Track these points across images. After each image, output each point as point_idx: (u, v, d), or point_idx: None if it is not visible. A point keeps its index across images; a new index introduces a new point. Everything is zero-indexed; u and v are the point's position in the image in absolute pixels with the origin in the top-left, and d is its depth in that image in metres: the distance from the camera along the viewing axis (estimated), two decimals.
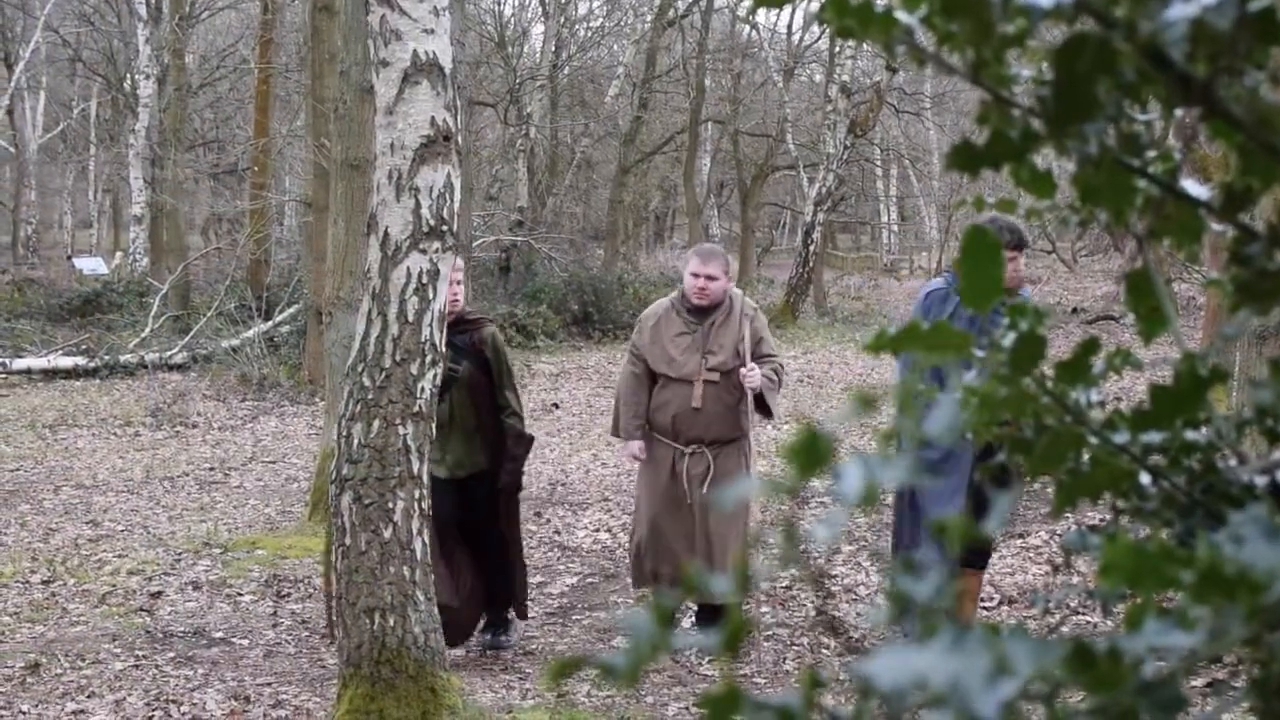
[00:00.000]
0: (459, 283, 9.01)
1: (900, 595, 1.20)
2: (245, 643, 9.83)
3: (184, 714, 8.34)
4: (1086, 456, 1.48)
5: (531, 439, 9.68)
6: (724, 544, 9.38)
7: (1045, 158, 1.45)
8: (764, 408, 9.49)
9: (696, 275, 9.46)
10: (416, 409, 7.39)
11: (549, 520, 13.65)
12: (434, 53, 7.30)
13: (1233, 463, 1.54)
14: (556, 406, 21.44)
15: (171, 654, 9.53)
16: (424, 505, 7.55)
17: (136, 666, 9.27)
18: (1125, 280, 1.51)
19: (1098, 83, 1.30)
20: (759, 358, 9.41)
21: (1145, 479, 1.50)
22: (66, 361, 24.70)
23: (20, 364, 24.41)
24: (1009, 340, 1.39)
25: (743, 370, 9.26)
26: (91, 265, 39.04)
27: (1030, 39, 1.34)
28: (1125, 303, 1.55)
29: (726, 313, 9.52)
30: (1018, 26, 1.32)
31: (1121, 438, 1.47)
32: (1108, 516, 1.59)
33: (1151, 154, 1.45)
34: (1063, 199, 1.56)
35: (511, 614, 9.86)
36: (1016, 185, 1.49)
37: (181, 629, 10.05)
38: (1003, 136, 1.37)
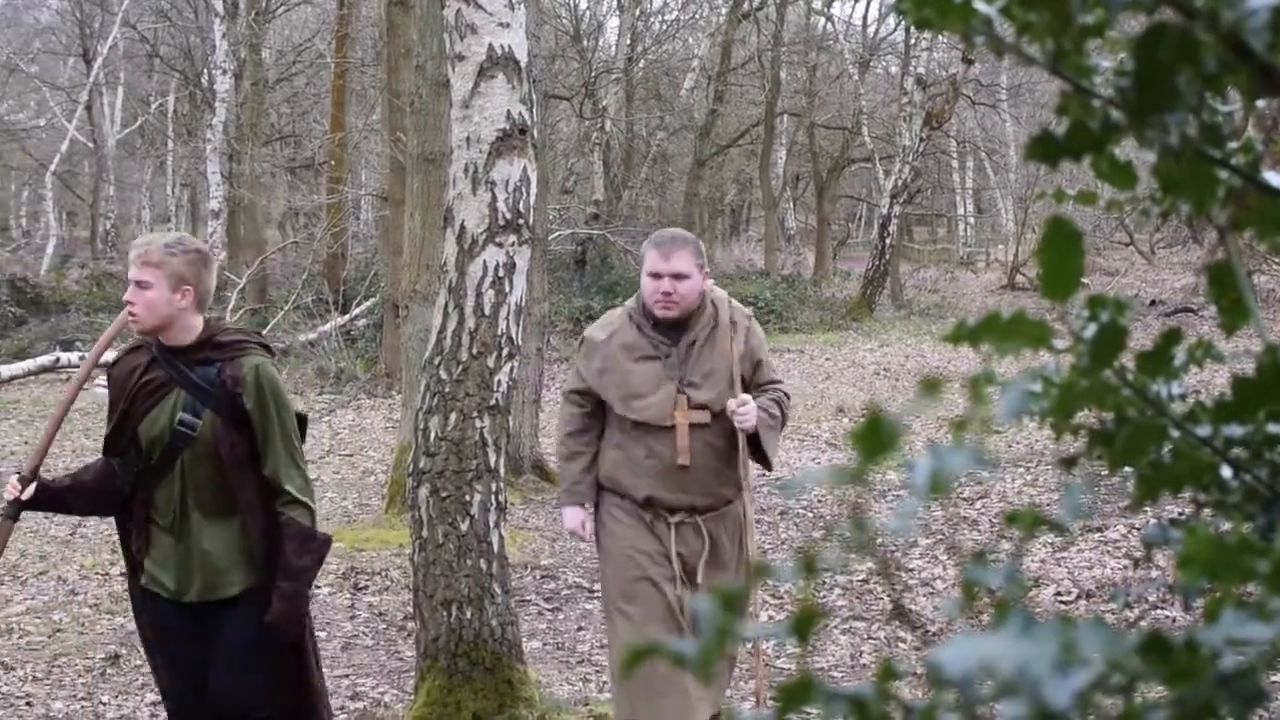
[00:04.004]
0: (183, 282, 5.77)
1: (973, 585, 1.20)
2: (323, 635, 9.87)
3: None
4: (1168, 449, 1.47)
5: (326, 540, 6.02)
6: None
7: (1125, 149, 1.44)
8: (760, 454, 6.88)
9: (657, 275, 6.70)
10: (493, 402, 7.41)
11: None
12: (509, 46, 7.31)
13: None
14: None
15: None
16: (501, 498, 7.56)
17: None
18: (1207, 272, 1.50)
19: (1179, 73, 1.29)
20: (759, 387, 6.93)
21: (1227, 472, 1.49)
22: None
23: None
24: (1090, 332, 1.38)
25: (732, 404, 6.66)
26: None
27: (1110, 29, 1.33)
28: (1206, 294, 1.54)
29: (710, 325, 6.84)
30: (1097, 17, 1.32)
31: (1203, 430, 1.46)
32: (1187, 510, 1.59)
33: (1233, 145, 1.44)
34: (1143, 191, 1.55)
35: None
36: (1096, 177, 1.48)
37: None
38: (1083, 127, 1.36)
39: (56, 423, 6.01)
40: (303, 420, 6.05)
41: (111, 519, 6.20)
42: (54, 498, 6.02)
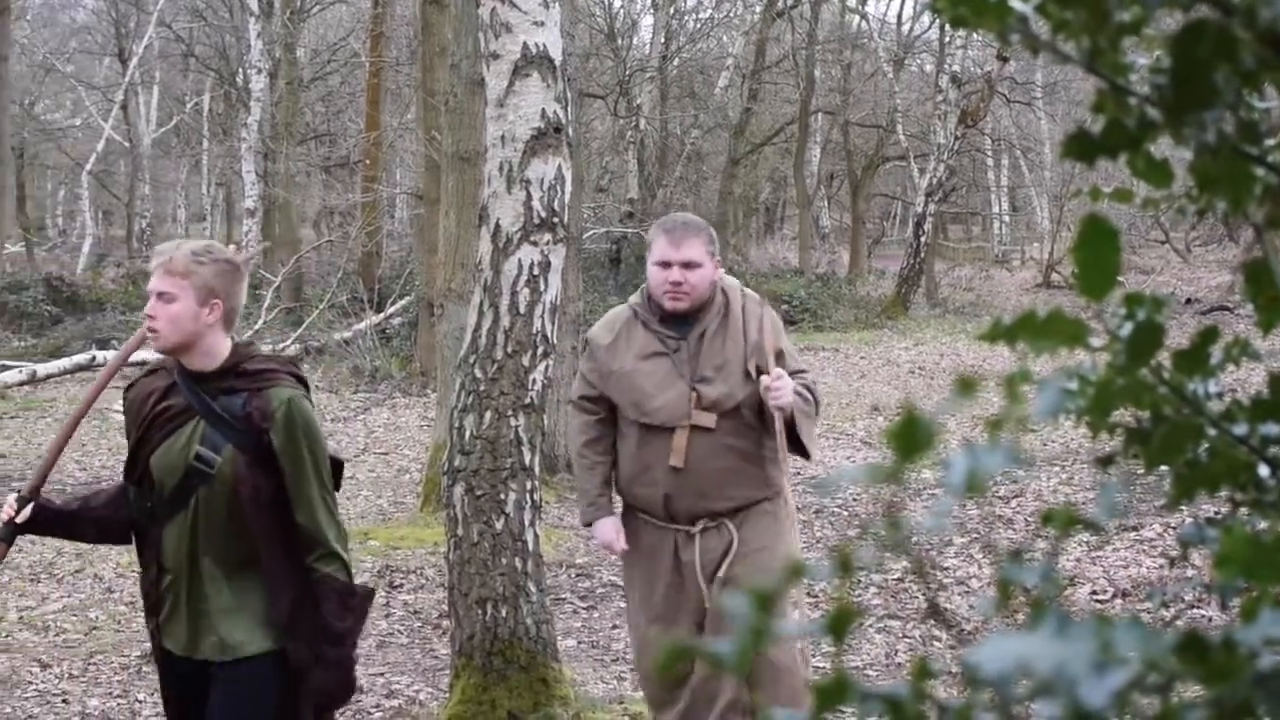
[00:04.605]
0: (211, 295, 5.16)
1: (1010, 583, 1.20)
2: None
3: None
4: (1204, 448, 1.46)
5: (368, 594, 5.46)
6: (774, 674, 6.23)
7: (1161, 146, 1.44)
8: (797, 444, 6.29)
9: (666, 264, 6.28)
10: (528, 401, 7.42)
11: None
12: (544, 45, 7.31)
13: None
14: None
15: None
16: (536, 497, 7.57)
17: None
18: (1243, 270, 1.50)
19: (1216, 70, 1.29)
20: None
21: (1264, 471, 1.49)
22: None
23: (135, 355, 24.65)
24: (1126, 330, 1.38)
25: (766, 380, 6.08)
26: None
27: (1147, 27, 1.33)
28: (1243, 292, 1.53)
29: (721, 314, 6.36)
30: (1134, 14, 1.31)
31: (1240, 429, 1.45)
32: (1224, 509, 1.58)
33: (1270, 142, 1.43)
34: (1179, 188, 1.55)
35: None
36: (1133, 174, 1.47)
37: None
38: (1119, 125, 1.36)
39: (62, 440, 5.48)
40: (338, 466, 5.42)
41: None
42: (55, 521, 5.41)
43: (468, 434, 7.42)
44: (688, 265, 6.23)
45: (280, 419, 5.07)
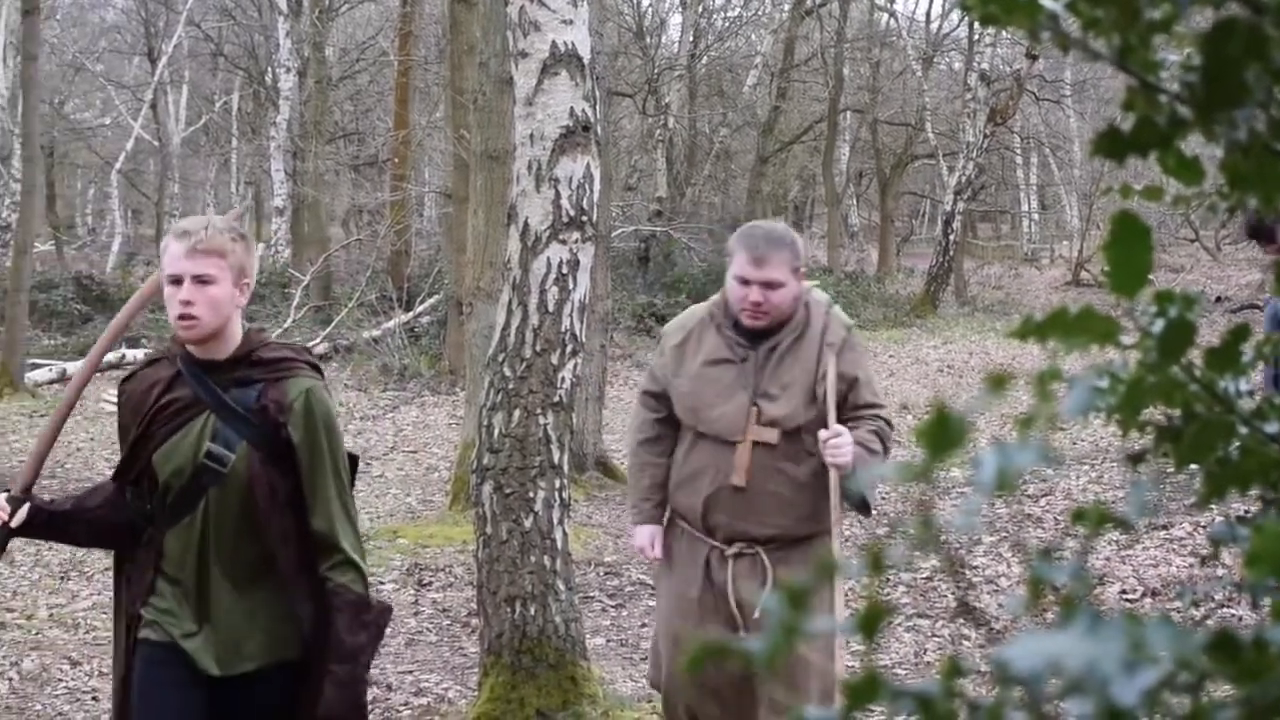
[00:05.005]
0: (243, 275, 4.75)
1: (1039, 583, 1.20)
2: (387, 631, 9.90)
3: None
4: (1235, 446, 1.46)
5: (384, 610, 5.08)
6: (805, 671, 5.78)
7: (1191, 144, 1.44)
8: (855, 497, 5.84)
9: (746, 281, 5.79)
10: (557, 399, 7.42)
11: None
12: (572, 43, 7.32)
13: None
14: None
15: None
16: (565, 495, 7.58)
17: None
18: (1274, 268, 1.50)
19: (1247, 68, 1.29)
20: (854, 411, 5.86)
21: None
22: None
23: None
24: (1157, 328, 1.38)
25: (824, 435, 5.68)
26: None
27: (1177, 24, 1.33)
28: (1273, 290, 1.53)
29: (798, 332, 5.91)
30: (1165, 12, 1.31)
31: (1271, 427, 1.45)
32: (1255, 507, 1.58)
33: None
34: (1209, 186, 1.54)
35: None
36: (1163, 172, 1.47)
37: None
38: (1149, 123, 1.36)
39: (52, 434, 5.02)
40: (353, 461, 4.95)
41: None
42: (50, 523, 4.92)
43: (496, 432, 7.43)
44: (769, 285, 5.77)
45: (299, 411, 4.66)
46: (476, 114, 12.96)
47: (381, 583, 11.10)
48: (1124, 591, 9.89)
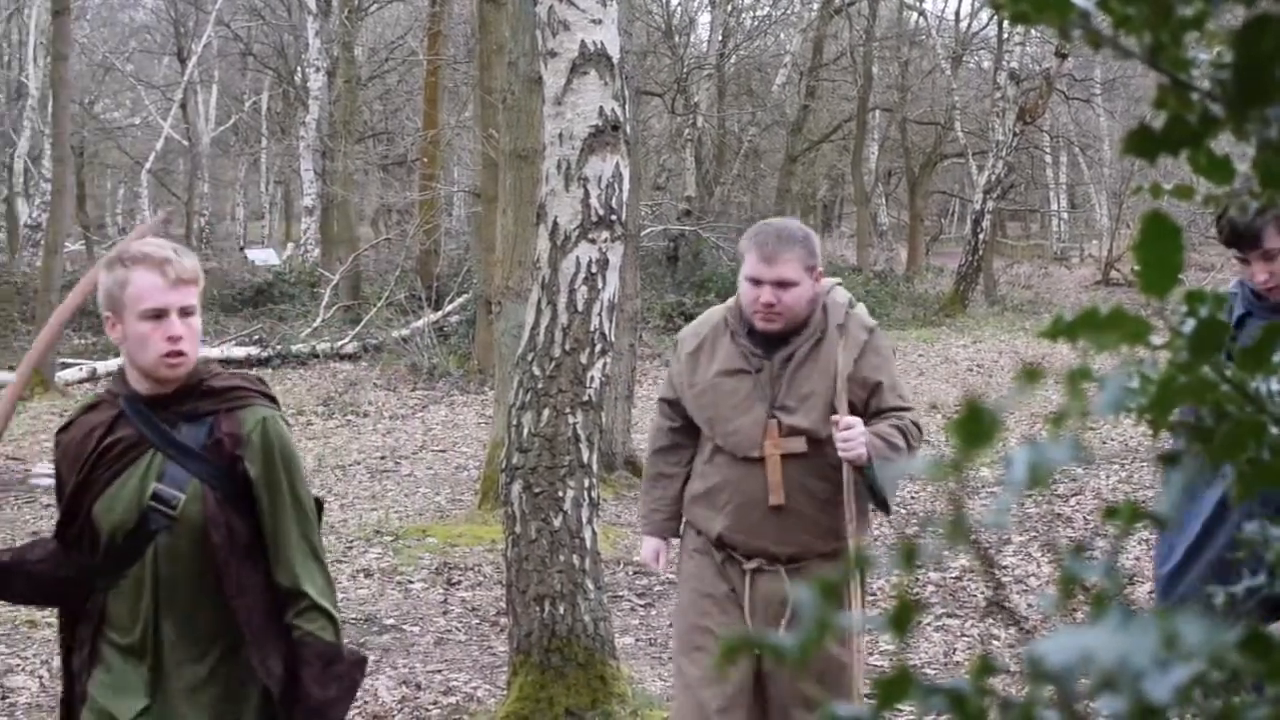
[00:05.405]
0: (187, 312, 4.22)
1: (1071, 580, 1.20)
2: (416, 630, 9.92)
3: (355, 700, 8.44)
4: (1267, 446, 1.46)
5: (358, 662, 4.54)
6: (826, 667, 5.55)
7: (1222, 143, 1.44)
8: (876, 494, 5.61)
9: (758, 281, 5.50)
10: (586, 398, 7.43)
11: None
12: (602, 43, 7.33)
13: None
14: None
15: (344, 640, 9.63)
16: (594, 494, 7.58)
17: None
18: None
19: (1279, 65, 1.29)
20: (878, 413, 5.56)
21: None
22: (239, 351, 25.11)
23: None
24: (1188, 327, 1.37)
25: (836, 429, 5.40)
26: (263, 256, 39.75)
27: (1209, 21, 1.32)
28: None
29: (816, 338, 5.60)
30: (1196, 9, 1.31)
31: None
32: None
33: None
34: (1240, 185, 1.54)
35: None
36: (1194, 171, 1.47)
37: (353, 616, 10.17)
38: (1181, 121, 1.36)
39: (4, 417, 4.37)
40: (318, 505, 4.42)
41: None
42: None
43: (526, 431, 7.44)
44: (781, 284, 5.46)
45: (257, 443, 4.19)
46: (505, 113, 12.96)
47: (411, 582, 11.12)
48: (1153, 591, 9.87)
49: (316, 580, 4.27)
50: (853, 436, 5.33)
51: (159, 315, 4.11)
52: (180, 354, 4.14)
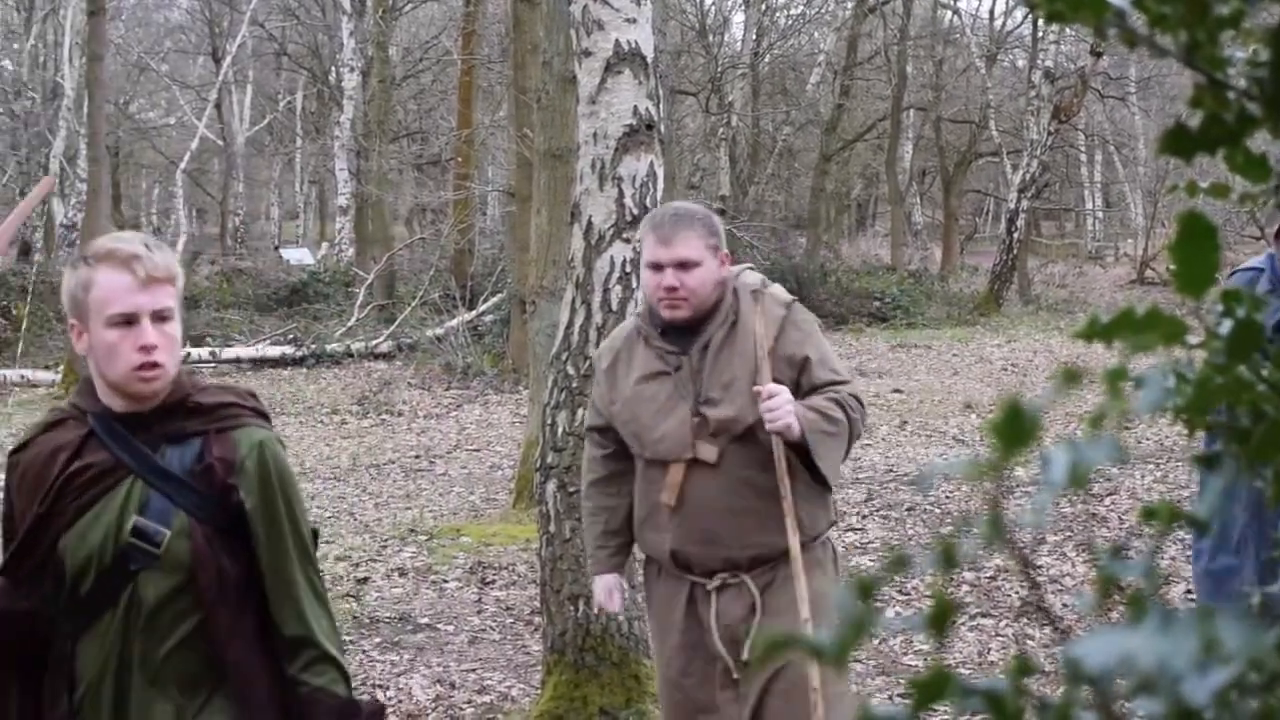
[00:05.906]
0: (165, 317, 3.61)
1: (1109, 581, 1.19)
2: (450, 629, 9.93)
3: (390, 699, 8.45)
4: None
5: (379, 711, 3.92)
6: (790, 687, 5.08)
7: (1259, 141, 1.43)
8: (814, 468, 5.09)
9: (658, 265, 5.14)
10: None
11: None
12: (636, 42, 7.33)
13: None
14: None
15: (378, 639, 9.66)
16: None
17: (344, 652, 9.40)
18: None
19: None
20: (811, 389, 5.13)
21: None
22: (274, 351, 25.22)
23: (229, 353, 24.97)
24: (1225, 327, 1.37)
25: (761, 396, 4.97)
26: (298, 256, 39.87)
27: (1245, 20, 1.32)
28: None
29: (729, 320, 5.22)
30: (1233, 8, 1.31)
31: None
32: None
33: None
34: (1276, 183, 1.54)
35: None
36: (1230, 170, 1.47)
37: (388, 615, 10.18)
38: (1217, 120, 1.35)
39: None
40: (314, 536, 3.87)
41: None
42: None
43: (560, 430, 7.44)
44: (682, 265, 5.09)
45: (252, 470, 3.66)
46: (540, 113, 12.96)
47: (445, 581, 11.12)
48: (1188, 592, 9.83)
49: (323, 624, 3.75)
50: (777, 405, 4.92)
51: (129, 321, 3.55)
52: (155, 365, 3.57)
